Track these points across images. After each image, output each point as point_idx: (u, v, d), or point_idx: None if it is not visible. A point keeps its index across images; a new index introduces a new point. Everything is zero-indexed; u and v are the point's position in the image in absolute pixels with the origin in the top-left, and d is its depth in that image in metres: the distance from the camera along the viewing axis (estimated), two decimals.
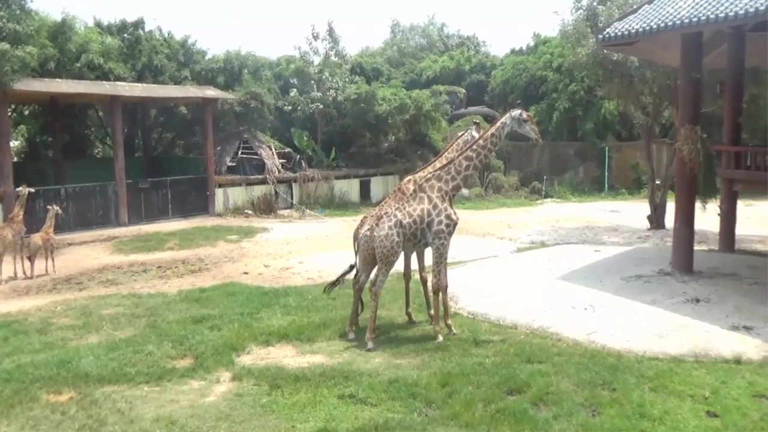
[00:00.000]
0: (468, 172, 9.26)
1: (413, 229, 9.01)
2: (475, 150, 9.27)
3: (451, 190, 9.20)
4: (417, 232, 9.06)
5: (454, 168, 9.22)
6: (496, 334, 9.43)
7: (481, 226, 20.99)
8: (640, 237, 18.50)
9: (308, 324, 9.83)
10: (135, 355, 8.51)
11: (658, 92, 18.74)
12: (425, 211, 9.03)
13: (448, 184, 9.17)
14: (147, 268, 15.26)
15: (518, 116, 9.34)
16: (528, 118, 9.41)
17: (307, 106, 29.28)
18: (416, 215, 8.99)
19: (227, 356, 8.48)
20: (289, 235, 19.87)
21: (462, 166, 9.23)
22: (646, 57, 16.41)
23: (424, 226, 9.04)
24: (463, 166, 9.23)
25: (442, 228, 9.02)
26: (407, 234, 9.00)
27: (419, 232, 9.07)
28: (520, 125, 9.39)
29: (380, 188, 28.90)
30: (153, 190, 23.34)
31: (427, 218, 9.01)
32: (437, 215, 9.03)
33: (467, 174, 9.25)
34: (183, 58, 28.74)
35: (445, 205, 9.10)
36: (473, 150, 9.28)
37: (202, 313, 10.65)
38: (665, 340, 8.76)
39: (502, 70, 37.18)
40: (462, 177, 9.22)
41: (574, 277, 12.39)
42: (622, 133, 32.24)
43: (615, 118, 30.78)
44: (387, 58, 46.55)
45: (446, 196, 9.14)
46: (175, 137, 31.36)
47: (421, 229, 9.05)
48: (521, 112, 9.40)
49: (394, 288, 11.90)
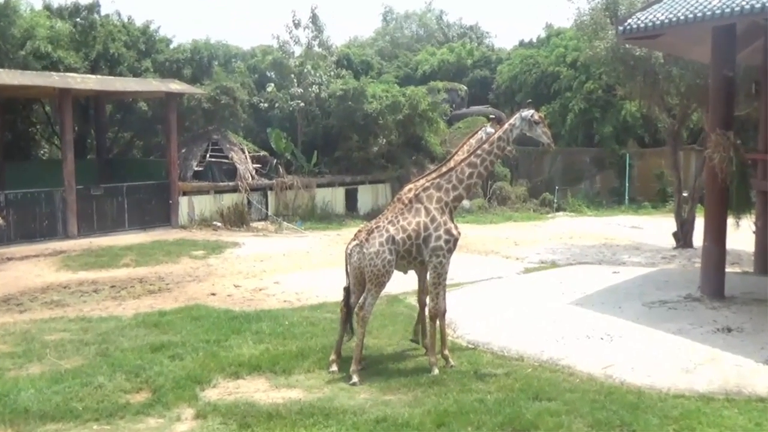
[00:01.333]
0: (471, 180, 9.23)
1: (407, 245, 8.96)
2: (480, 156, 9.26)
3: (452, 201, 9.16)
4: (412, 249, 9.01)
5: (456, 176, 9.19)
6: (500, 366, 9.42)
7: (484, 242, 21.03)
8: (665, 257, 18.59)
9: (284, 353, 9.78)
10: (83, 389, 8.43)
11: (686, 92, 18.90)
12: (421, 224, 8.98)
13: (449, 194, 9.14)
14: (99, 287, 15.16)
15: (529, 117, 9.33)
16: (540, 120, 9.41)
17: (286, 103, 29.34)
18: (411, 230, 8.95)
19: (190, 390, 8.42)
20: (263, 251, 19.81)
21: (465, 173, 9.20)
22: (672, 52, 16.55)
23: (420, 242, 8.99)
24: (466, 174, 9.20)
25: (440, 244, 8.97)
26: (400, 251, 8.96)
27: (414, 249, 9.02)
28: (531, 128, 9.36)
29: (369, 198, 28.94)
30: (107, 197, 23.27)
31: (424, 233, 8.97)
32: (435, 229, 8.98)
33: (470, 183, 9.24)
34: (144, 46, 28.76)
35: (444, 218, 9.05)
36: (477, 155, 9.26)
37: (162, 339, 10.58)
38: (692, 376, 8.77)
39: (509, 65, 37.41)
40: (464, 186, 9.20)
41: (589, 302, 12.39)
42: (644, 138, 32.48)
43: (637, 122, 31.01)
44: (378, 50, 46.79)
45: (446, 207, 9.10)
46: (133, 137, 31.29)
47: (416, 245, 9.00)
48: (533, 113, 9.39)
49: (383, 313, 11.88)
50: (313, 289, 14.61)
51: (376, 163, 29.45)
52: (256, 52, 34.74)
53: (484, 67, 40.42)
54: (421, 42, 50.50)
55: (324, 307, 12.86)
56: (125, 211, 23.56)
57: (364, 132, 28.96)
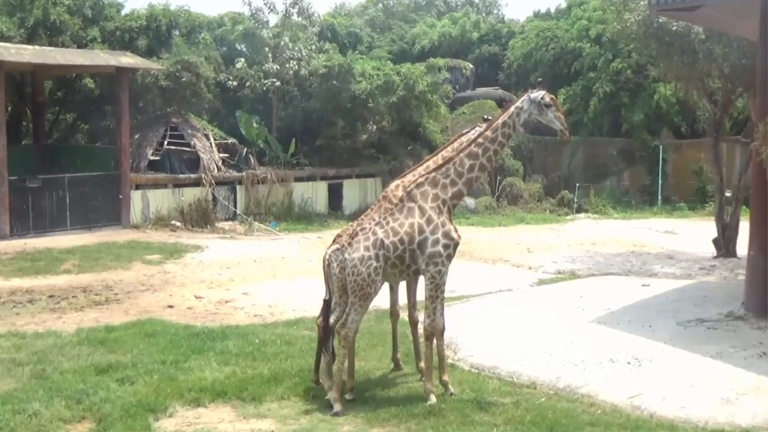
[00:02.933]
0: (473, 174, 9.19)
1: (399, 251, 8.91)
2: (482, 144, 9.19)
3: (451, 198, 9.13)
4: (405, 256, 8.96)
5: (454, 169, 9.14)
6: (508, 395, 9.44)
7: (491, 248, 21.07)
8: (703, 267, 18.66)
9: (254, 377, 9.78)
10: (15, 417, 8.40)
11: (730, 74, 18.96)
12: (416, 226, 8.94)
13: (447, 190, 9.10)
14: (34, 297, 15.09)
15: (539, 99, 9.26)
16: (552, 102, 9.32)
17: (259, 81, 29.33)
18: (403, 232, 8.90)
19: (142, 420, 8.40)
20: (230, 257, 19.78)
21: (465, 166, 9.16)
22: (714, 27, 16.62)
23: (415, 247, 8.94)
24: (466, 167, 9.16)
25: (438, 250, 8.93)
26: (391, 258, 8.93)
27: (408, 256, 8.98)
28: (541, 111, 9.25)
29: (356, 195, 28.96)
30: (45, 190, 23.19)
31: (419, 236, 8.92)
32: (432, 233, 8.93)
33: (471, 177, 9.20)
34: (91, 12, 28.65)
35: (442, 219, 8.99)
36: (479, 144, 9.20)
37: (109, 360, 10.55)
38: (734, 407, 8.81)
39: (523, 39, 37.51)
40: (465, 180, 9.17)
41: (615, 320, 12.41)
42: (681, 128, 32.59)
43: (672, 108, 31.13)
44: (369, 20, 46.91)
45: (444, 206, 9.06)
46: (77, 120, 31.20)
47: (410, 251, 8.95)
48: (543, 94, 9.31)
49: (370, 330, 11.88)
50: (288, 302, 14.60)
51: (364, 153, 29.49)
52: (224, 21, 34.74)
53: (493, 41, 40.51)
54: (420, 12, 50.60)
55: (302, 322, 12.85)
56: (67, 207, 23.47)
57: (351, 117, 28.98)
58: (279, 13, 31.74)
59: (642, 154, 32.03)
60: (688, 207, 30.16)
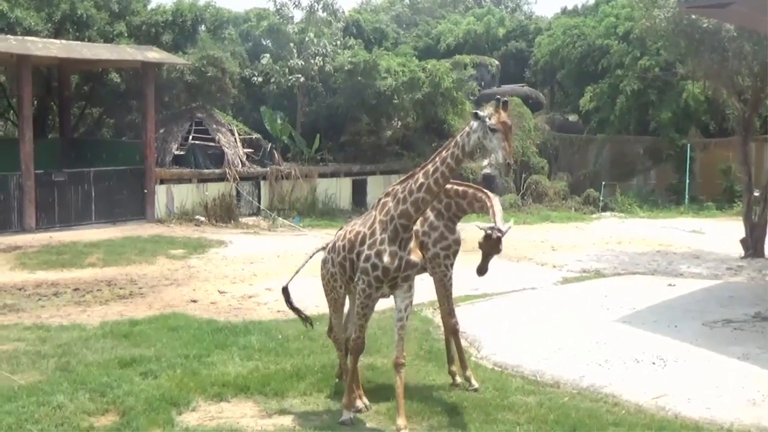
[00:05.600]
0: (420, 195, 8.00)
1: (341, 257, 8.53)
2: (435, 164, 8.08)
3: (398, 217, 8.04)
4: (345, 264, 8.50)
5: (410, 186, 8.12)
6: (531, 393, 9.42)
7: (515, 246, 21.00)
8: (731, 268, 18.50)
9: (276, 373, 9.82)
10: (39, 408, 8.48)
11: (760, 72, 18.80)
12: (359, 235, 8.36)
13: (397, 207, 8.14)
14: (59, 290, 15.23)
15: (486, 119, 7.77)
16: (500, 127, 7.72)
17: (284, 77, 29.37)
18: (348, 240, 8.46)
19: (165, 413, 8.45)
20: (253, 252, 19.86)
21: (417, 184, 8.07)
22: (745, 24, 16.47)
23: (354, 257, 8.40)
24: (417, 186, 8.06)
25: (366, 266, 8.11)
26: (336, 262, 8.63)
27: (348, 264, 8.48)
28: (485, 135, 7.77)
29: (380, 191, 28.74)
30: (71, 184, 23.39)
31: (358, 246, 8.31)
32: (368, 247, 8.15)
33: (419, 198, 8.01)
34: (117, 7, 28.83)
35: (383, 236, 8.08)
36: (434, 163, 8.17)
37: (133, 353, 10.63)
38: (760, 409, 8.75)
39: (550, 36, 37.34)
40: (413, 201, 8.02)
41: (640, 320, 12.35)
42: (709, 126, 32.31)
43: (701, 106, 30.86)
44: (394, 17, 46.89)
45: (391, 223, 8.12)
46: (102, 114, 31.43)
47: (350, 261, 8.44)
48: (490, 115, 7.78)
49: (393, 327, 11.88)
50: (311, 298, 14.57)
51: (389, 150, 29.47)
52: (249, 17, 34.79)
53: (519, 38, 40.38)
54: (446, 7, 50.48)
55: (324, 319, 12.75)
56: (92, 201, 23.67)
57: (376, 113, 28.97)
58: (304, 8, 31.73)
59: (669, 153, 31.77)
60: (716, 206, 29.88)
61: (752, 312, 12.73)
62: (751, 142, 21.44)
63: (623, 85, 31.87)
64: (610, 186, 31.10)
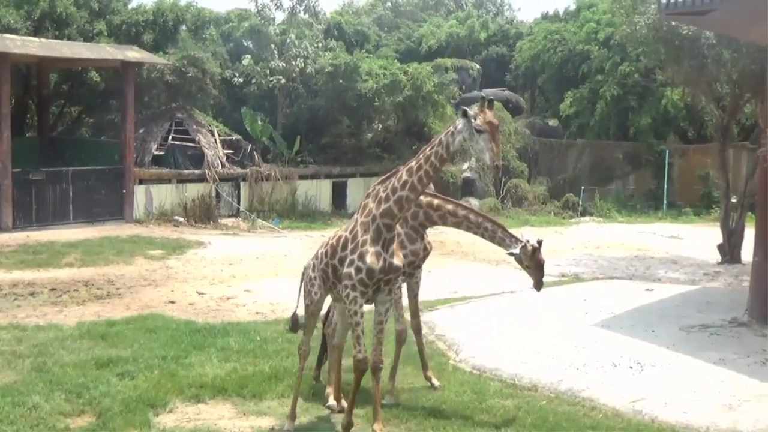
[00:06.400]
0: (403, 193, 7.79)
1: (323, 263, 8.26)
2: (419, 162, 7.89)
3: (381, 216, 7.79)
4: (328, 270, 8.22)
5: (392, 184, 7.91)
6: (509, 397, 9.45)
7: (494, 249, 20.99)
8: (708, 273, 18.64)
9: (254, 374, 9.80)
10: (15, 409, 8.43)
11: (739, 80, 18.95)
12: (341, 240, 8.03)
13: (380, 206, 7.84)
14: (36, 290, 15.13)
15: (472, 118, 7.60)
16: (486, 128, 7.55)
17: (265, 78, 29.32)
18: (332, 243, 8.18)
19: (142, 415, 8.42)
20: (233, 253, 19.82)
21: (400, 182, 7.86)
22: (724, 32, 16.57)
23: (336, 263, 8.02)
24: (400, 183, 7.85)
25: (350, 271, 7.79)
26: (318, 268, 8.38)
27: (330, 270, 8.19)
28: (471, 136, 7.59)
29: (360, 194, 28.81)
30: (49, 183, 23.22)
31: (341, 252, 7.98)
32: (351, 251, 7.84)
33: (402, 196, 7.79)
34: (98, 6, 28.67)
35: (365, 237, 7.79)
36: (417, 161, 7.99)
37: (110, 354, 10.58)
38: (736, 414, 8.80)
39: (531, 41, 37.50)
40: (396, 199, 7.80)
41: (617, 324, 12.41)
42: (688, 132, 32.56)
43: (680, 113, 31.10)
44: (376, 19, 46.89)
45: (373, 223, 7.82)
46: (81, 113, 31.21)
47: (332, 266, 8.14)
48: (476, 114, 7.61)
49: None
50: (291, 300, 14.52)
51: (369, 152, 29.46)
52: (230, 17, 34.70)
53: (500, 42, 40.52)
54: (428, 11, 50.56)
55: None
56: (70, 200, 23.51)
57: (357, 116, 28.97)
58: (285, 10, 31.73)
59: (648, 159, 31.97)
60: (694, 212, 30.10)
61: (729, 317, 12.80)
62: (729, 149, 21.59)
63: (603, 91, 32.05)
64: (590, 191, 31.24)
